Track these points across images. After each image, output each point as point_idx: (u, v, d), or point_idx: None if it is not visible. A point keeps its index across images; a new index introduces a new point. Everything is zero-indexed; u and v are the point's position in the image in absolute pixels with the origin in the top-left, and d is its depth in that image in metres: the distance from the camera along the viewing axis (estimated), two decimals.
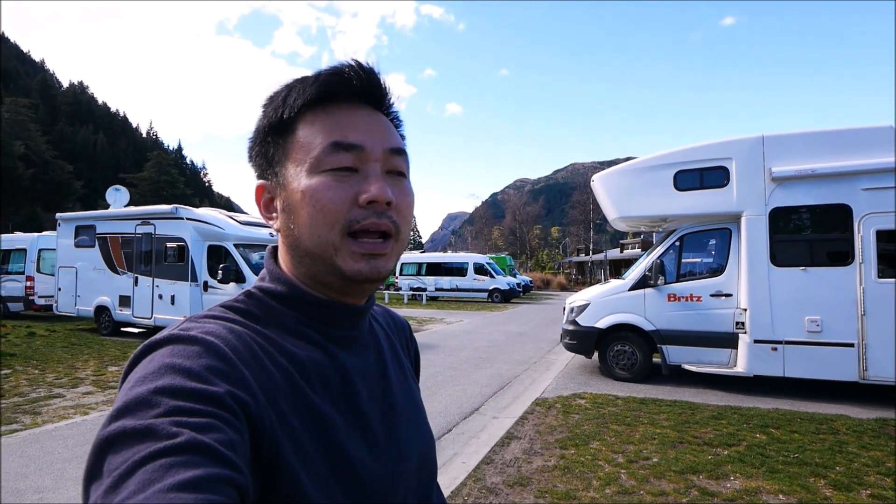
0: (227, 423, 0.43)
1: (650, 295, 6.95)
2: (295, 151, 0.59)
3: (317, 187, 0.56)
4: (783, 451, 4.24)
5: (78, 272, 11.72)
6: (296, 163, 0.58)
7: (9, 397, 5.94)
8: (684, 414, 5.35)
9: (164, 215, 10.47)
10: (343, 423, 0.56)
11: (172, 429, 0.40)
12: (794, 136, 6.36)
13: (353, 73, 0.59)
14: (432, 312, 19.06)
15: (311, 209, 0.56)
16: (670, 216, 7.01)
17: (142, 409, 0.42)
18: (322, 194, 0.56)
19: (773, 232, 6.24)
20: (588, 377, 7.36)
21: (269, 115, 0.60)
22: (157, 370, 0.45)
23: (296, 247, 0.59)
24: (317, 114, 0.59)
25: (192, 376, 0.45)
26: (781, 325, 6.06)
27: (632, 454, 4.18)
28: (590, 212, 54.16)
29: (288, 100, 0.59)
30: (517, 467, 3.95)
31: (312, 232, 0.57)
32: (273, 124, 0.60)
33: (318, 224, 0.56)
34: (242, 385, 0.47)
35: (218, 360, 0.48)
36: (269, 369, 0.52)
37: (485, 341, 11.28)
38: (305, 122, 0.59)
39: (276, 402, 0.50)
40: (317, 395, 0.55)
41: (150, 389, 0.43)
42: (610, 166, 7.90)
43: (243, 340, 0.52)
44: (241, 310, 0.58)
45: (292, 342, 0.57)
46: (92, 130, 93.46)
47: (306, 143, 0.58)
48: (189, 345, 0.48)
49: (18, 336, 10.73)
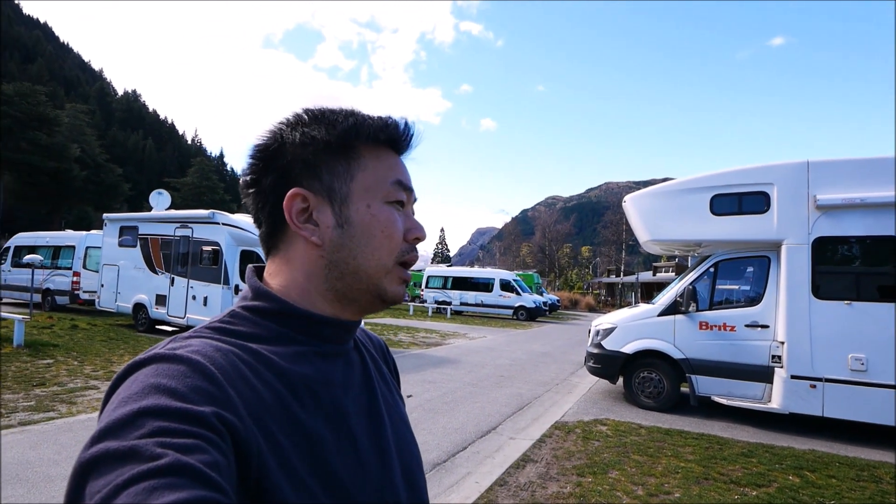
0: (212, 444, 0.42)
1: (680, 322, 6.72)
2: (362, 176, 0.62)
3: (389, 216, 0.62)
4: (818, 497, 3.99)
5: (120, 270, 12.21)
6: (364, 188, 0.62)
7: (49, 386, 6.20)
8: (711, 448, 5.12)
9: (202, 219, 10.82)
10: (333, 440, 0.56)
11: (157, 450, 0.39)
12: (842, 162, 6.07)
13: (406, 130, 0.66)
14: (456, 327, 18.97)
15: (379, 234, 0.61)
16: (705, 241, 6.79)
17: (125, 431, 0.41)
18: (393, 225, 0.62)
19: (817, 262, 5.96)
20: (611, 403, 7.15)
21: (333, 133, 0.61)
22: (141, 390, 0.44)
23: (344, 263, 0.61)
24: (374, 150, 0.64)
25: (177, 396, 0.44)
26: (822, 361, 5.75)
27: (652, 487, 4.01)
28: (622, 232, 53.23)
29: (360, 129, 0.62)
30: (531, 492, 3.84)
31: (376, 254, 0.61)
32: (336, 143, 0.62)
33: (383, 248, 0.61)
34: (229, 405, 0.47)
35: (204, 379, 0.47)
36: (257, 388, 0.52)
37: (507, 359, 11.14)
38: (370, 155, 0.64)
39: (263, 422, 0.50)
40: (307, 412, 0.55)
41: (134, 410, 0.42)
42: (645, 186, 7.74)
43: (230, 359, 0.52)
44: (227, 329, 0.58)
45: (281, 358, 0.57)
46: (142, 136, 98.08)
47: (377, 173, 0.63)
48: (174, 364, 0.48)
49: (62, 328, 11.22)
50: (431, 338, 14.63)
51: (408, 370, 8.83)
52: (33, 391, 5.92)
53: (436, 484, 3.98)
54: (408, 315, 23.57)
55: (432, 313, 25.00)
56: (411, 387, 7.41)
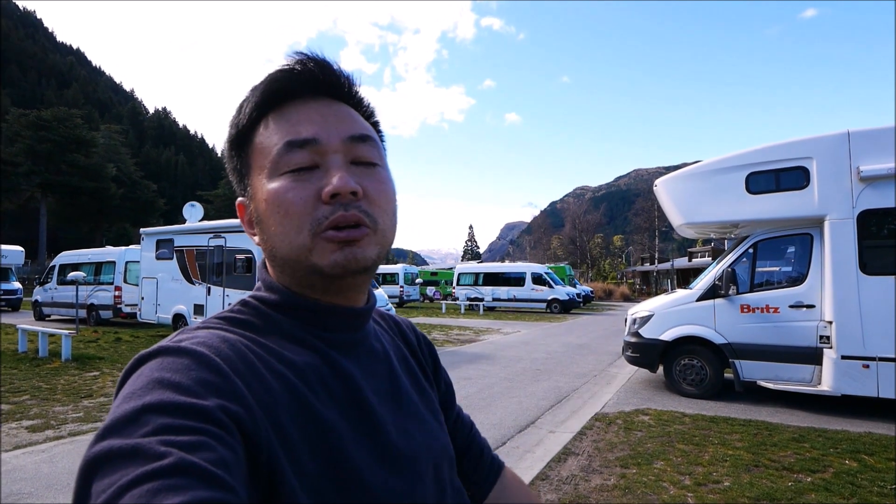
0: (218, 439, 0.41)
1: (720, 306, 6.50)
2: (256, 160, 0.57)
3: (277, 191, 0.54)
4: (878, 481, 3.78)
5: (158, 282, 12.60)
6: (258, 171, 0.57)
7: (95, 397, 6.44)
8: (760, 435, 4.93)
9: (234, 229, 11.06)
10: (350, 431, 0.53)
11: (160, 448, 0.37)
12: (886, 130, 5.73)
13: (300, 66, 0.56)
14: (489, 323, 18.90)
15: (276, 216, 0.54)
16: (742, 221, 6.54)
17: (129, 428, 0.39)
18: (283, 197, 0.54)
19: (863, 237, 5.67)
20: (652, 392, 6.98)
21: (230, 129, 0.59)
22: (146, 385, 0.43)
23: (273, 257, 0.58)
24: (271, 117, 0.57)
25: (182, 390, 0.43)
26: (874, 339, 5.47)
27: (700, 477, 3.88)
28: (654, 219, 52.07)
29: (243, 109, 0.58)
30: (574, 485, 3.77)
31: (283, 239, 0.54)
32: (233, 137, 0.59)
33: (287, 229, 0.54)
34: (235, 397, 0.45)
35: (209, 371, 0.45)
36: (266, 379, 0.50)
37: (542, 353, 11.01)
38: (261, 128, 0.57)
39: (273, 413, 0.48)
40: (320, 402, 0.52)
41: (138, 406, 0.41)
42: (675, 171, 7.51)
43: (237, 350, 0.50)
44: (237, 319, 0.57)
45: (291, 349, 0.55)
46: (174, 152, 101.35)
47: (264, 149, 0.56)
48: (178, 357, 0.46)
49: (107, 341, 11.68)
50: (465, 334, 14.60)
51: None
52: (81, 403, 6.15)
53: None
54: (440, 313, 23.61)
55: (465, 310, 24.98)
56: None
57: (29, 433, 4.90)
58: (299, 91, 0.57)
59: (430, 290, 34.52)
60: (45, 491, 3.60)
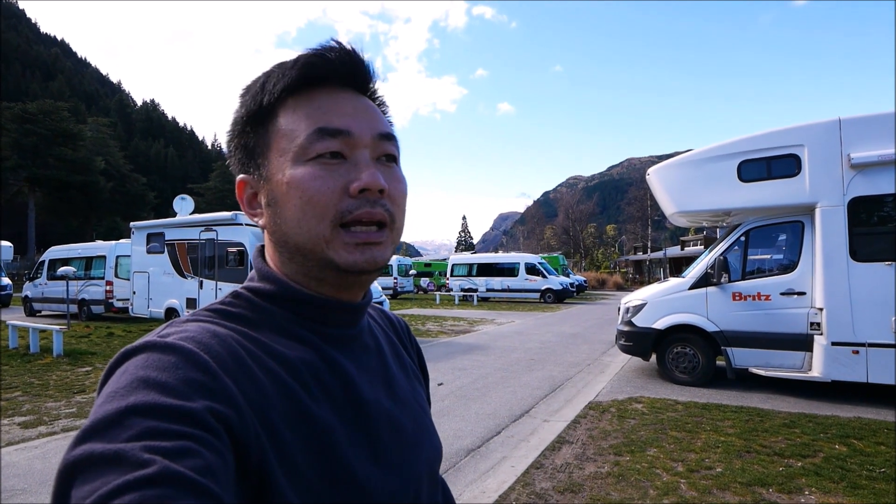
0: (205, 444, 0.39)
1: (713, 294, 6.54)
2: (277, 141, 0.55)
3: (303, 177, 0.53)
4: (867, 465, 3.84)
5: (150, 277, 12.49)
6: (279, 153, 0.55)
7: (88, 393, 6.39)
8: (752, 421, 4.99)
9: (225, 221, 10.96)
10: (344, 429, 0.52)
11: (144, 455, 0.36)
12: (876, 117, 5.76)
13: (335, 54, 0.56)
14: (483, 313, 18.95)
15: (298, 201, 0.53)
16: (734, 209, 6.57)
17: (111, 431, 0.38)
18: (309, 184, 0.52)
19: (853, 224, 5.71)
20: (645, 381, 7.04)
21: (247, 103, 0.57)
22: (129, 384, 0.41)
23: (284, 243, 0.56)
24: (298, 100, 0.55)
25: (168, 391, 0.41)
26: (864, 325, 5.53)
27: (693, 463, 3.92)
28: (647, 208, 52.25)
29: (267, 86, 0.55)
30: (568, 473, 3.80)
31: (301, 225, 0.53)
32: (252, 113, 0.57)
33: (307, 216, 0.53)
34: (225, 398, 0.43)
35: (197, 370, 0.43)
36: (258, 377, 0.48)
37: (536, 342, 11.06)
38: (287, 109, 0.55)
39: (264, 414, 0.46)
40: (314, 400, 0.51)
41: (122, 408, 0.39)
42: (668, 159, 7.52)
43: (228, 346, 0.48)
44: (228, 312, 0.54)
45: (284, 344, 0.53)
46: (163, 144, 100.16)
47: (289, 131, 0.54)
48: (165, 353, 0.44)
49: (99, 336, 11.60)
50: (459, 325, 14.64)
51: (437, 358, 8.85)
52: (74, 398, 6.11)
53: (471, 470, 3.97)
54: (434, 304, 23.64)
55: (459, 301, 25.03)
56: (441, 375, 7.42)
57: (21, 429, 4.87)
58: (328, 79, 0.56)
59: (425, 282, 34.53)
60: (39, 487, 3.58)
